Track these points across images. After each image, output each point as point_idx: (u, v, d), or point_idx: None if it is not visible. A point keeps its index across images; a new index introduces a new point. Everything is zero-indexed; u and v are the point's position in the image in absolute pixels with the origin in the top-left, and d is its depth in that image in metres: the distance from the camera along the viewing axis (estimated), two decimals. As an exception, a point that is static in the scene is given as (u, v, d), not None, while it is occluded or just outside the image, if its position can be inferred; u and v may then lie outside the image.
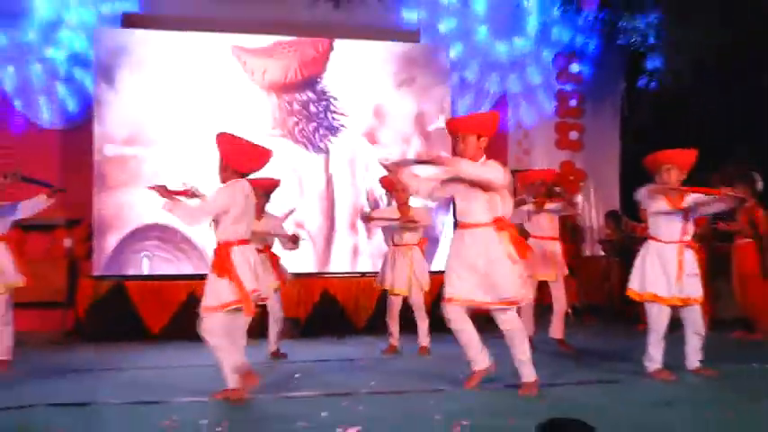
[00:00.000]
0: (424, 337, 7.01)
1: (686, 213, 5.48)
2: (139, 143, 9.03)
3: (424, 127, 9.71)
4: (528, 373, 5.10)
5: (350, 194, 9.52)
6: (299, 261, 9.08)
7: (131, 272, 8.86)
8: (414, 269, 6.94)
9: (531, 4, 10.51)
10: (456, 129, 5.17)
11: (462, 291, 5.07)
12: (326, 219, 9.44)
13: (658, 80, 9.99)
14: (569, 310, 9.55)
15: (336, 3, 9.34)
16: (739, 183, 7.48)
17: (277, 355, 6.84)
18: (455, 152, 5.18)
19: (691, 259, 5.50)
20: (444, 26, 10.32)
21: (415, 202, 6.98)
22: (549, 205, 7.11)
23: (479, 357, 5.22)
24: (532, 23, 10.64)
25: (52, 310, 8.69)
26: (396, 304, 7.08)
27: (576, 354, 6.88)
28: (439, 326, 5.60)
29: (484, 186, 4.99)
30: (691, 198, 5.45)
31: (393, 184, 6.73)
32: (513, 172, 10.24)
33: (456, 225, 5.29)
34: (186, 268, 8.90)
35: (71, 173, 9.10)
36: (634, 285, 5.62)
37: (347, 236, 9.47)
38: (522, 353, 5.10)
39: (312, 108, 9.47)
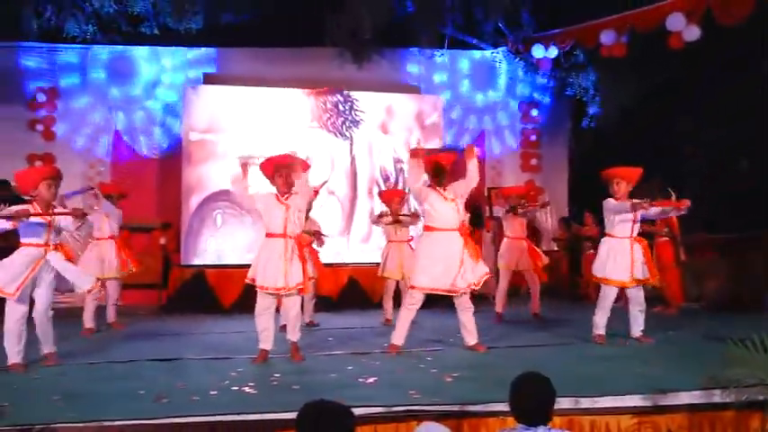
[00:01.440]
0: None
1: (635, 217, 5.33)
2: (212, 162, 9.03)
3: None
4: (475, 337, 5.01)
5: (367, 170, 9.62)
6: (333, 253, 9.10)
7: (209, 261, 8.80)
8: (404, 260, 6.71)
9: (502, 65, 10.44)
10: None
11: (426, 281, 4.94)
12: (351, 188, 9.50)
13: (596, 121, 9.90)
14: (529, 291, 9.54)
15: (359, 65, 9.33)
16: (659, 195, 7.35)
17: (312, 324, 6.74)
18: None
19: (639, 250, 5.34)
20: (437, 78, 10.22)
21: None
22: (521, 210, 7.03)
23: (399, 336, 5.02)
24: (503, 79, 10.56)
25: (152, 290, 8.64)
26: (390, 287, 6.86)
27: (543, 323, 6.78)
28: (429, 303, 5.46)
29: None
30: (651, 209, 5.32)
31: (390, 198, 6.69)
32: (490, 189, 10.39)
33: (426, 228, 5.10)
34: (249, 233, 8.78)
35: (164, 189, 9.10)
36: (598, 272, 5.45)
37: (365, 200, 9.51)
38: (472, 324, 5.01)
39: (340, 107, 9.50)
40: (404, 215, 6.82)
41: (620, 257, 5.27)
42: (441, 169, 5.00)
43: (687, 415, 3.57)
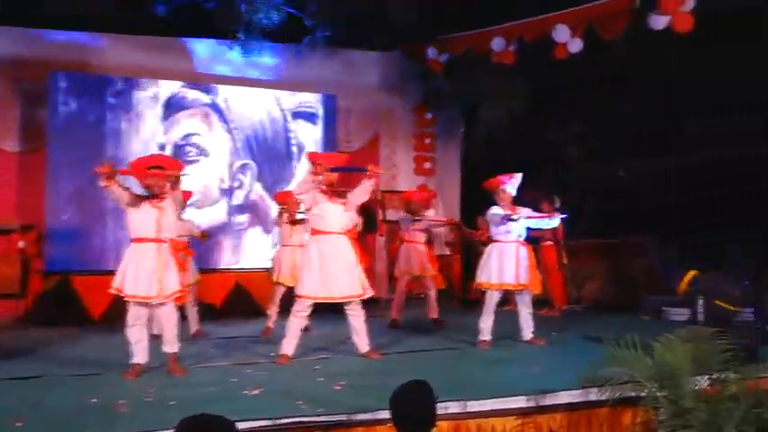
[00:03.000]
0: None
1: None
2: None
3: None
4: (367, 344, 5.09)
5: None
6: (219, 258, 8.83)
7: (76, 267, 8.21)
8: (298, 264, 6.67)
9: (397, 67, 10.48)
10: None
11: (312, 289, 4.93)
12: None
13: (487, 127, 10.32)
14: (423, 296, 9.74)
15: (248, 58, 9.15)
16: (544, 200, 7.80)
17: (199, 334, 6.50)
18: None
19: (524, 254, 5.59)
20: (329, 77, 10.00)
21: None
22: (427, 215, 7.21)
23: (289, 345, 5.02)
24: (397, 82, 10.66)
25: (8, 300, 7.94)
26: (278, 293, 6.68)
27: (444, 326, 6.94)
28: (320, 309, 5.45)
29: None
30: (525, 213, 5.57)
31: (284, 199, 6.67)
32: (384, 192, 10.53)
33: (312, 232, 5.10)
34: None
35: (25, 187, 8.39)
36: (481, 277, 5.65)
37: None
38: (364, 330, 5.08)
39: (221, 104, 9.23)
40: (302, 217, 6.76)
41: (506, 262, 5.51)
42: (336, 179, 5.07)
43: (566, 414, 3.81)
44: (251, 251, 8.98)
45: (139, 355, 4.56)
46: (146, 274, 4.48)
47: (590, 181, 10.62)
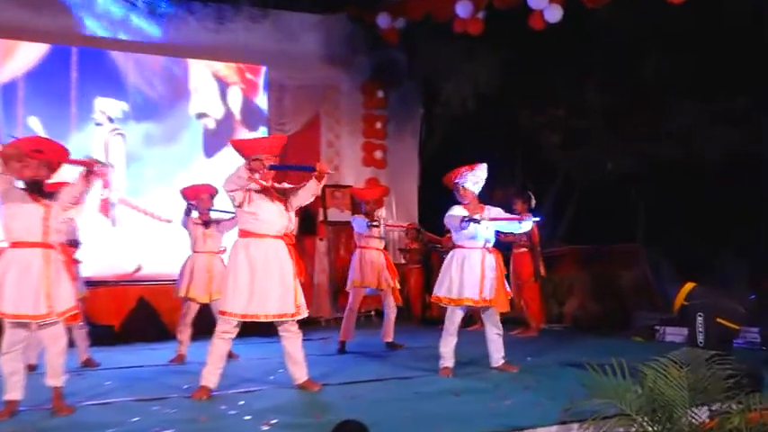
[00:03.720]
0: None
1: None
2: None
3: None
4: (305, 373, 5.09)
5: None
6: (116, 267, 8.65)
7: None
8: (213, 277, 6.53)
9: (341, 35, 10.51)
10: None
11: (240, 306, 4.88)
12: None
13: (450, 109, 10.40)
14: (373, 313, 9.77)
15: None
16: (518, 199, 7.93)
17: (90, 364, 6.34)
18: None
19: (491, 264, 5.62)
20: (258, 46, 9.99)
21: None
22: (378, 224, 7.19)
23: (211, 375, 4.94)
24: (342, 53, 10.67)
25: None
26: (190, 312, 6.60)
27: (400, 351, 7.08)
28: (248, 330, 5.41)
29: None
30: (493, 214, 5.60)
31: (196, 194, 6.66)
32: (325, 187, 10.44)
33: (242, 234, 5.05)
34: None
35: None
36: (439, 291, 5.66)
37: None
38: (301, 356, 5.07)
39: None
40: (217, 215, 6.66)
41: (468, 273, 5.53)
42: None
43: (543, 454, 3.88)
44: (159, 258, 8.83)
45: (15, 391, 4.41)
46: (30, 287, 4.34)
47: (572, 175, 10.89)
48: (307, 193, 5.06)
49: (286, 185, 5.15)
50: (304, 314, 5.04)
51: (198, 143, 9.61)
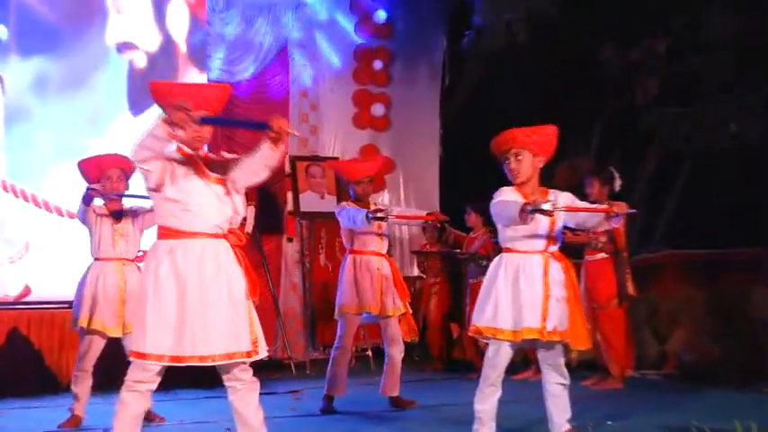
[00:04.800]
0: None
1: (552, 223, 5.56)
2: None
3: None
4: None
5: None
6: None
7: None
8: (127, 296, 6.54)
9: None
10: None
11: (156, 341, 4.86)
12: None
13: (486, 39, 10.37)
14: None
15: None
16: (594, 178, 7.88)
17: None
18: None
19: (558, 276, 5.55)
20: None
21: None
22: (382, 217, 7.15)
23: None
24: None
25: None
26: (93, 349, 6.60)
27: (410, 409, 7.08)
28: (176, 379, 5.42)
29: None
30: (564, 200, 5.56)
31: (100, 168, 6.64)
32: (295, 158, 10.50)
33: (163, 233, 5.04)
34: None
35: None
36: (480, 319, 5.60)
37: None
38: (260, 420, 5.06)
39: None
40: (134, 203, 6.66)
41: (525, 289, 5.48)
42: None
43: None
44: (50, 271, 8.87)
45: None
46: None
47: (676, 145, 10.85)
48: (258, 165, 4.98)
49: (226, 155, 5.11)
50: (262, 354, 5.00)
51: (120, 91, 9.58)
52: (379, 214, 6.90)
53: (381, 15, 11.04)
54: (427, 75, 11.34)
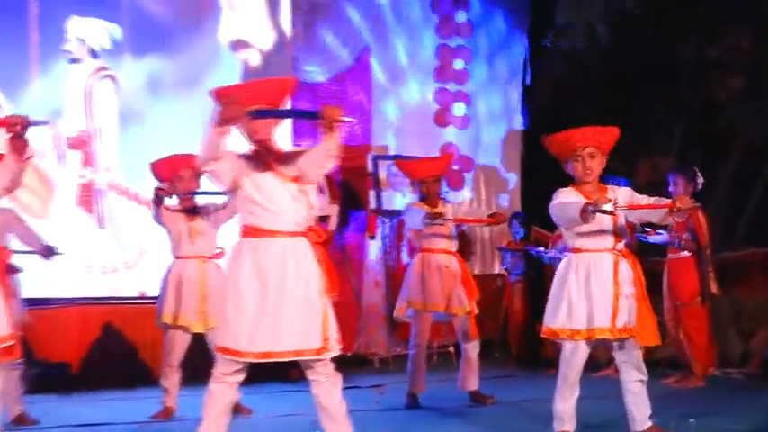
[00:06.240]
0: None
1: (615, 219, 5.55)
2: None
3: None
4: None
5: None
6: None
7: None
8: (209, 293, 6.65)
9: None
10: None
11: (242, 340, 4.94)
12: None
13: (566, 40, 10.33)
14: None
15: None
16: (679, 176, 7.81)
17: (23, 420, 6.52)
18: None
19: (627, 275, 5.55)
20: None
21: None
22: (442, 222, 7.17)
23: None
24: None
25: None
26: (179, 344, 6.74)
27: (490, 405, 7.09)
28: (265, 373, 5.49)
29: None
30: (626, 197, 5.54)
31: (172, 169, 6.78)
32: (375, 157, 10.56)
33: (245, 232, 5.09)
34: None
35: None
36: (552, 320, 5.62)
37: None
38: (342, 412, 5.09)
39: None
40: (206, 199, 6.76)
41: (596, 288, 5.46)
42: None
43: None
44: (135, 270, 9.06)
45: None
46: None
47: (760, 141, 10.68)
48: (322, 155, 4.98)
49: (296, 148, 5.15)
50: (334, 351, 5.03)
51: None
52: (437, 220, 7.00)
53: (461, 18, 11.05)
54: (508, 74, 11.32)
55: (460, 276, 7.21)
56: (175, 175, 6.74)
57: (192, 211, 6.77)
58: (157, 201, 6.74)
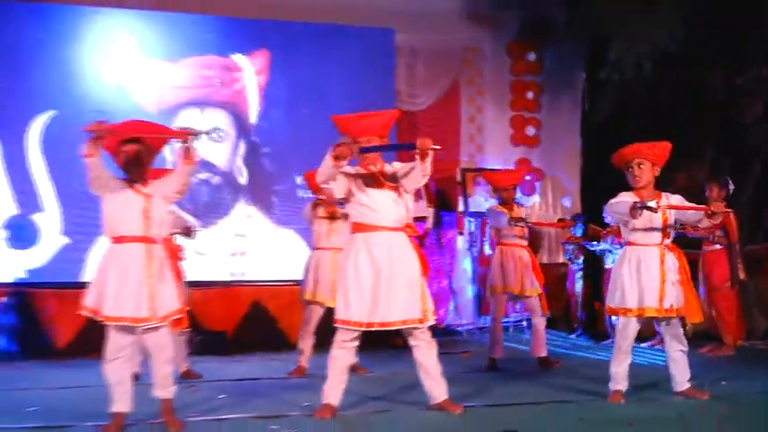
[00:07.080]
0: None
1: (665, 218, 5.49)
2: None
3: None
4: (444, 391, 5.16)
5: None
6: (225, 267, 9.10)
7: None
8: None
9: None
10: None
11: (358, 312, 4.99)
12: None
13: (620, 72, 10.15)
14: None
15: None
16: (712, 184, 7.70)
17: (189, 375, 6.72)
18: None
19: (672, 265, 5.52)
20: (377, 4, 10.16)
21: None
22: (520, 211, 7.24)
23: (333, 392, 5.06)
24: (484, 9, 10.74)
25: None
26: (313, 317, 6.87)
27: (556, 369, 7.11)
28: (376, 341, 5.55)
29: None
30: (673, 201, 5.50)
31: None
32: (465, 170, 10.59)
33: (354, 228, 5.18)
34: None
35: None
36: (613, 300, 5.61)
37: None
38: (437, 371, 5.15)
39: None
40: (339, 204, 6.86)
41: (645, 275, 5.44)
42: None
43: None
44: (276, 255, 9.23)
45: (122, 402, 4.72)
46: (132, 287, 4.62)
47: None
48: (417, 174, 5.09)
49: (396, 165, 5.23)
50: (431, 321, 5.13)
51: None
52: (520, 223, 7.14)
53: (532, 56, 10.97)
54: (570, 102, 11.21)
55: (531, 265, 7.25)
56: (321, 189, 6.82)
57: (335, 216, 6.87)
58: (315, 205, 6.93)
